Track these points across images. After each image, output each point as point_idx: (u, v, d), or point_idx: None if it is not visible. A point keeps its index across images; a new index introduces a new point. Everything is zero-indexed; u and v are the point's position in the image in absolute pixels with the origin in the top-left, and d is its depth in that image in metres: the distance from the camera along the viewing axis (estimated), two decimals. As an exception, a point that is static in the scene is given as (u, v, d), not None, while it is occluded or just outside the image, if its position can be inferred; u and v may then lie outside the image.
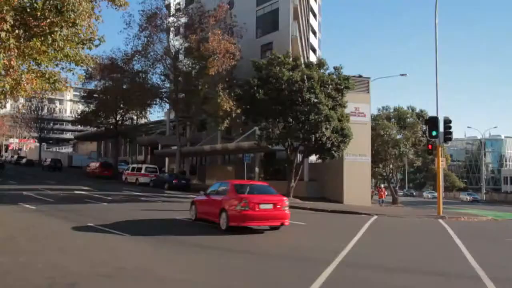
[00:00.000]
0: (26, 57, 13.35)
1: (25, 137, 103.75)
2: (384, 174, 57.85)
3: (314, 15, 68.43)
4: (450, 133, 25.37)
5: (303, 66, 32.11)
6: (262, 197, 14.75)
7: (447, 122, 25.30)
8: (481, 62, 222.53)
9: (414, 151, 53.34)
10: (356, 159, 35.21)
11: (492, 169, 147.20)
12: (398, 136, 51.12)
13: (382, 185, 53.95)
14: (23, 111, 76.72)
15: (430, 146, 27.81)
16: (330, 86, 29.98)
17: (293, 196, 31.25)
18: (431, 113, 52.52)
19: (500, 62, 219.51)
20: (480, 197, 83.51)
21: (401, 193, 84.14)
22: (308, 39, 58.90)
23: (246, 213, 13.99)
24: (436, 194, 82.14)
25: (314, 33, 67.78)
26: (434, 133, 25.22)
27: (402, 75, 46.65)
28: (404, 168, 79.12)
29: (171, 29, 44.92)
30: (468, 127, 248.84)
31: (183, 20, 44.00)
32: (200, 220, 16.55)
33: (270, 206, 14.52)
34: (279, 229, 15.21)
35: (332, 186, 36.75)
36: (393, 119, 53.21)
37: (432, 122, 25.52)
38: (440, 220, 22.78)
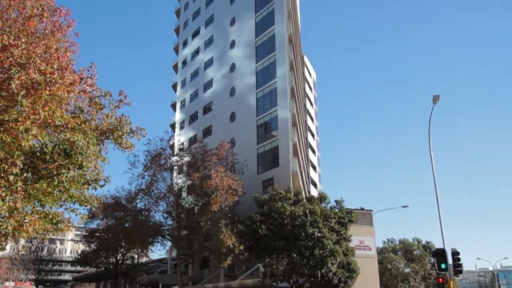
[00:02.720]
0: (32, 198, 13.56)
1: (21, 280, 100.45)
2: (396, 311, 54.83)
3: (313, 151, 70.82)
4: (460, 265, 24.61)
5: (304, 200, 32.42)
6: None
7: (455, 254, 24.71)
8: (482, 192, 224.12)
9: (425, 285, 51.28)
10: (365, 296, 33.70)
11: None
12: (407, 270, 49.63)
13: None
14: (23, 252, 75.48)
15: (441, 280, 26.74)
16: (333, 220, 29.96)
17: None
18: (437, 244, 51.59)
19: (503, 190, 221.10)
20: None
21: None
22: (308, 173, 60.20)
23: None
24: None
25: (314, 168, 69.48)
26: (443, 266, 24.47)
27: (404, 207, 46.44)
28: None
29: (175, 167, 46.14)
30: (478, 258, 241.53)
31: (186, 159, 45.40)
32: None
33: None
34: None
35: (342, 326, 34.60)
36: (399, 252, 52.16)
37: (440, 255, 24.90)
38: None
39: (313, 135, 72.70)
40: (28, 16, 13.51)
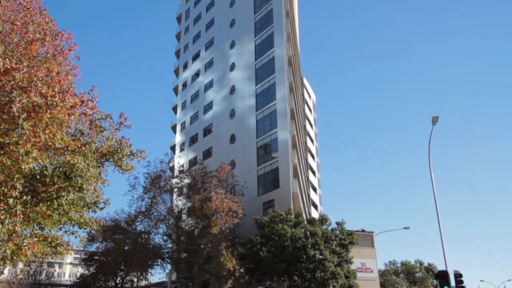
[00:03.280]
0: (31, 221, 13.48)
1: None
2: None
3: (313, 173, 70.71)
4: (463, 287, 24.37)
5: (305, 222, 32.26)
6: None
7: (458, 276, 24.49)
8: (485, 213, 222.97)
9: (428, 308, 50.64)
10: (368, 319, 33.24)
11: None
12: (409, 292, 49.05)
13: None
14: (21, 276, 74.54)
15: (444, 302, 26.42)
16: (334, 242, 29.75)
17: None
18: (440, 266, 51.06)
19: (506, 211, 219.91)
20: None
21: None
22: (309, 195, 59.99)
23: None
24: None
25: (315, 189, 69.30)
26: (446, 289, 24.20)
27: (405, 228, 46.11)
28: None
29: (175, 189, 45.98)
30: (481, 280, 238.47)
31: (186, 181, 45.28)
32: None
33: None
34: None
35: None
36: (401, 274, 51.68)
37: (442, 277, 24.63)
38: None
39: (313, 157, 72.72)
40: (30, 40, 13.66)
